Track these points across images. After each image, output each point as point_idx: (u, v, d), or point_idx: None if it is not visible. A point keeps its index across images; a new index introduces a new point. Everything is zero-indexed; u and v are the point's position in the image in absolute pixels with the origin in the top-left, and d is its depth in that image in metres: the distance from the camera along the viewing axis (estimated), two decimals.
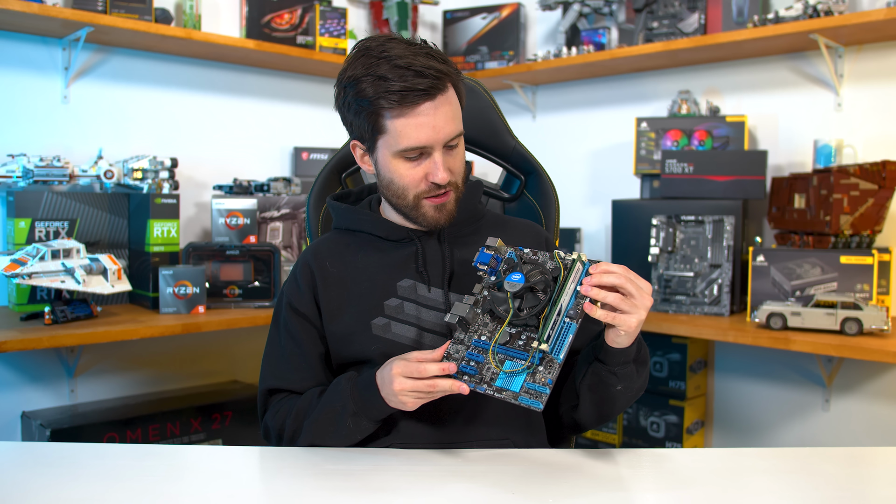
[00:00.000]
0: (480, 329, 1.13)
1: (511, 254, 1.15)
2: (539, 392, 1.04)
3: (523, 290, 1.09)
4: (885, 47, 2.34)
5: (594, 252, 3.01)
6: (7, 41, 2.31)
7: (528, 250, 1.15)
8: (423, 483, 1.07)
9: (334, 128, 3.07)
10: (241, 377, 2.77)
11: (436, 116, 1.17)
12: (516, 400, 1.04)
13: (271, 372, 1.31)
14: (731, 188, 2.40)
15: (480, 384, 1.07)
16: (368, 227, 1.32)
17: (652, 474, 1.13)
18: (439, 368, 1.08)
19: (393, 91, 1.15)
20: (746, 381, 2.63)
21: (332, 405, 1.19)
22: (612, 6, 2.86)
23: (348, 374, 1.21)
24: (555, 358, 1.06)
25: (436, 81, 1.16)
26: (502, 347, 1.10)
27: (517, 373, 1.06)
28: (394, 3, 3.06)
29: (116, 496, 1.02)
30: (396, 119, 1.17)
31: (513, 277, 1.11)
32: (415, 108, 1.16)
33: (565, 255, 1.13)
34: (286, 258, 2.58)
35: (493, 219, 1.38)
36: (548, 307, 1.09)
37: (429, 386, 1.08)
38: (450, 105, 1.19)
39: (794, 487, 1.08)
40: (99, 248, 2.37)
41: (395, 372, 1.11)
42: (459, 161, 1.25)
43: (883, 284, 2.16)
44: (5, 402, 2.28)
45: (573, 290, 1.09)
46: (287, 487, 1.08)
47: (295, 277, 1.33)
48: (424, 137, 1.18)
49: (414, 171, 1.21)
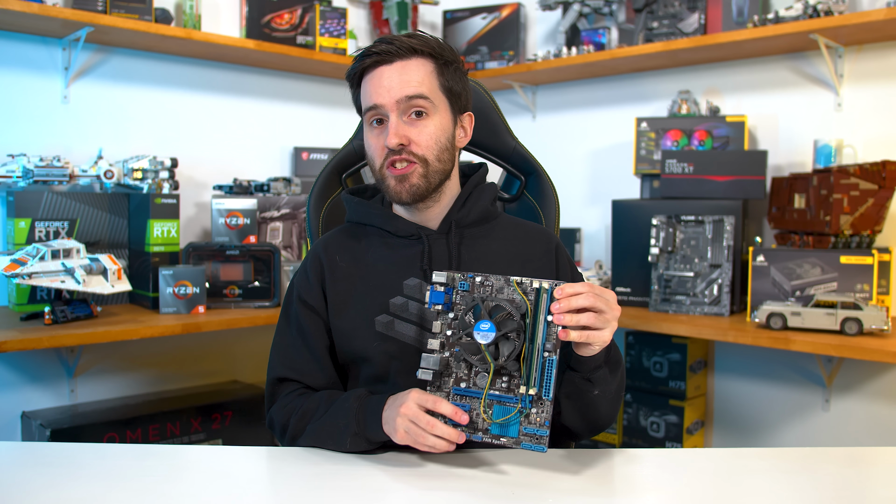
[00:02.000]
0: (458, 375, 1.09)
1: (463, 284, 1.10)
2: (539, 435, 1.04)
3: (496, 339, 1.06)
4: (885, 47, 2.34)
5: (594, 252, 3.01)
6: (7, 41, 2.31)
7: (479, 278, 1.10)
8: (423, 483, 1.07)
9: (334, 128, 3.08)
10: (241, 377, 2.77)
11: (389, 77, 1.23)
12: (519, 446, 1.04)
13: (280, 361, 1.31)
14: (731, 188, 2.40)
15: (476, 433, 1.06)
16: (378, 222, 1.32)
17: (652, 474, 1.13)
18: (453, 411, 1.06)
19: (363, 56, 1.25)
20: (746, 381, 2.63)
21: (335, 420, 1.17)
22: (612, 6, 2.86)
23: (358, 393, 1.19)
24: (545, 398, 1.04)
25: (398, 51, 1.23)
26: (480, 392, 1.07)
27: (510, 419, 1.05)
28: (394, 3, 3.06)
29: (116, 496, 1.02)
30: (363, 85, 1.27)
31: (482, 328, 1.06)
32: (373, 70, 1.25)
33: (525, 283, 1.08)
34: (286, 258, 2.58)
35: (506, 221, 1.37)
36: (525, 345, 1.06)
37: (429, 423, 1.06)
38: (410, 71, 1.23)
39: (794, 487, 1.08)
40: (99, 248, 2.37)
41: (412, 396, 1.09)
42: (428, 134, 1.24)
43: (883, 284, 2.16)
44: (5, 402, 2.28)
45: (544, 320, 1.06)
46: (287, 487, 1.08)
47: (305, 269, 1.33)
48: (376, 96, 1.23)
49: (378, 140, 1.26)
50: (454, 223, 1.29)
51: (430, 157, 1.25)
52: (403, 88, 1.22)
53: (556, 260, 1.33)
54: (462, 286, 1.11)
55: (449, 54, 1.27)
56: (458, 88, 1.29)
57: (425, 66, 1.25)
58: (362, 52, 1.26)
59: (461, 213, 1.30)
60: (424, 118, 1.24)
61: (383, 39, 1.25)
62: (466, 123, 1.33)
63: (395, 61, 1.23)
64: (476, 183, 1.34)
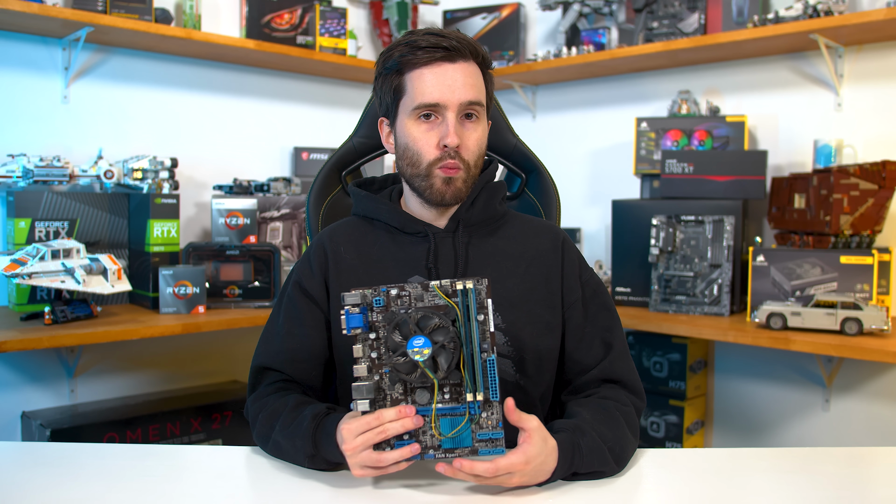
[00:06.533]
0: (394, 397, 1.02)
1: (378, 300, 1.02)
2: (495, 439, 1.00)
3: (433, 353, 0.99)
4: (885, 47, 2.34)
5: (594, 252, 3.01)
6: (7, 41, 2.31)
7: (394, 290, 1.02)
8: (424, 483, 1.07)
9: (334, 128, 3.08)
10: (241, 377, 2.77)
11: (453, 77, 1.20)
12: (477, 454, 1.00)
13: (265, 349, 1.28)
14: (731, 188, 2.39)
15: (427, 450, 1.01)
16: (385, 217, 1.30)
17: (652, 474, 1.13)
18: (396, 411, 1.00)
19: (417, 47, 1.20)
20: (746, 381, 2.63)
21: (292, 439, 1.12)
22: (612, 6, 2.86)
23: (316, 411, 1.12)
24: (493, 400, 1.00)
25: (460, 49, 1.21)
26: (428, 408, 1.01)
27: (461, 430, 1.01)
28: (394, 3, 3.06)
29: (116, 496, 1.02)
30: (416, 77, 1.21)
31: (415, 344, 0.98)
32: (433, 65, 1.20)
33: (446, 286, 1.01)
34: (286, 258, 2.58)
35: (513, 219, 1.35)
36: (462, 351, 1.00)
37: (378, 460, 1.01)
38: (471, 75, 1.22)
39: (794, 487, 1.08)
40: (99, 248, 2.37)
41: (343, 433, 1.02)
42: (475, 140, 1.23)
43: (883, 284, 2.16)
44: (5, 402, 2.28)
45: (475, 321, 1.00)
46: (287, 487, 1.07)
47: (308, 258, 1.31)
48: (438, 94, 1.19)
49: (428, 135, 1.22)
50: (462, 222, 1.28)
51: (473, 162, 1.24)
52: (468, 92, 1.20)
53: (562, 255, 1.31)
54: (377, 302, 1.02)
55: (490, 61, 1.28)
56: (491, 96, 1.30)
57: (478, 71, 1.24)
58: (415, 41, 1.20)
59: (470, 212, 1.29)
60: (474, 122, 1.23)
61: (437, 33, 1.21)
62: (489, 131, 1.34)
63: (459, 61, 1.21)
64: (486, 181, 1.33)
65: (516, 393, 1.21)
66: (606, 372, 1.24)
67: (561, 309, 1.28)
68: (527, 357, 1.23)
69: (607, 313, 1.29)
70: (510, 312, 1.24)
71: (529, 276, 1.28)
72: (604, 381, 1.24)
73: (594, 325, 1.28)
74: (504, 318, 1.23)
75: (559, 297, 1.28)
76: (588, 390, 1.24)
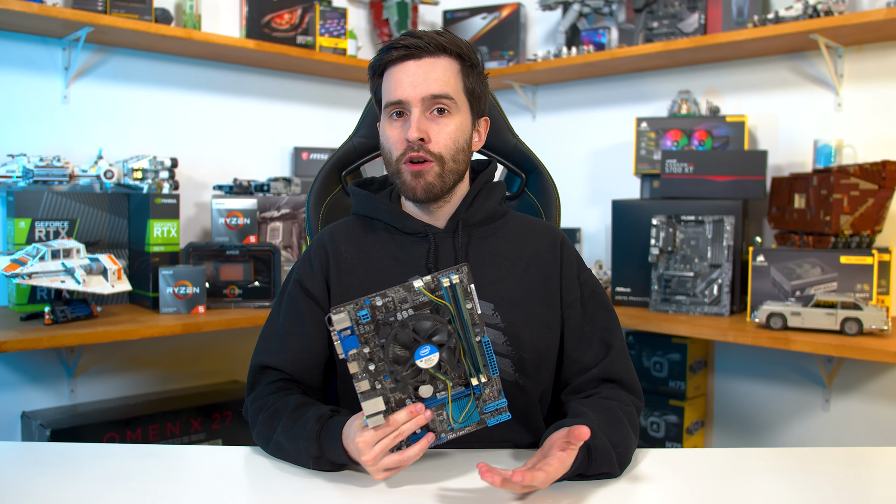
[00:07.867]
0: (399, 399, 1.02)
1: (363, 313, 1.00)
2: (499, 407, 1.04)
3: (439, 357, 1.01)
4: (885, 47, 2.34)
5: (594, 252, 3.01)
6: (7, 41, 2.31)
7: (378, 299, 1.00)
8: (424, 483, 1.07)
9: (334, 128, 3.08)
10: (241, 377, 2.77)
11: (416, 73, 1.21)
12: (486, 425, 1.04)
13: (265, 348, 1.28)
14: (731, 188, 2.40)
15: (440, 435, 1.04)
16: (385, 217, 1.30)
17: (652, 474, 1.13)
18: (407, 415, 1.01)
19: (391, 48, 1.23)
20: (746, 381, 2.63)
21: (296, 441, 1.12)
22: (612, 6, 2.86)
23: (320, 413, 1.12)
24: (492, 376, 1.03)
25: (426, 47, 1.22)
26: (435, 399, 1.03)
27: (467, 410, 1.04)
28: (394, 3, 3.06)
29: (116, 496, 1.02)
30: (387, 77, 1.25)
31: (422, 354, 1.00)
32: (399, 63, 1.23)
33: (430, 283, 1.01)
34: (286, 258, 2.58)
35: (513, 219, 1.35)
36: (462, 344, 1.02)
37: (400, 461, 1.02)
38: (437, 69, 1.22)
39: (794, 487, 1.08)
40: (99, 248, 2.37)
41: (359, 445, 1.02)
42: (447, 134, 1.23)
43: (883, 284, 2.16)
44: (5, 402, 2.28)
45: (465, 311, 1.01)
46: (287, 487, 1.07)
47: (309, 257, 1.31)
48: (401, 91, 1.22)
49: (397, 132, 1.24)
50: (461, 222, 1.28)
51: (447, 156, 1.23)
52: (430, 86, 1.21)
53: (560, 256, 1.31)
54: (364, 317, 1.00)
55: (474, 57, 1.27)
56: (479, 91, 1.28)
57: (452, 66, 1.24)
58: (389, 43, 1.24)
59: (469, 212, 1.29)
60: (446, 116, 1.23)
61: (412, 34, 1.23)
62: (482, 128, 1.32)
63: (424, 57, 1.22)
64: (485, 181, 1.33)
65: (516, 392, 1.21)
66: (606, 371, 1.24)
67: (560, 309, 1.28)
68: (526, 357, 1.23)
69: (606, 313, 1.30)
70: (509, 312, 1.24)
71: (528, 276, 1.28)
72: (603, 381, 1.24)
73: (593, 324, 1.28)
74: (503, 318, 1.23)
75: (558, 296, 1.28)
76: (587, 390, 1.24)
